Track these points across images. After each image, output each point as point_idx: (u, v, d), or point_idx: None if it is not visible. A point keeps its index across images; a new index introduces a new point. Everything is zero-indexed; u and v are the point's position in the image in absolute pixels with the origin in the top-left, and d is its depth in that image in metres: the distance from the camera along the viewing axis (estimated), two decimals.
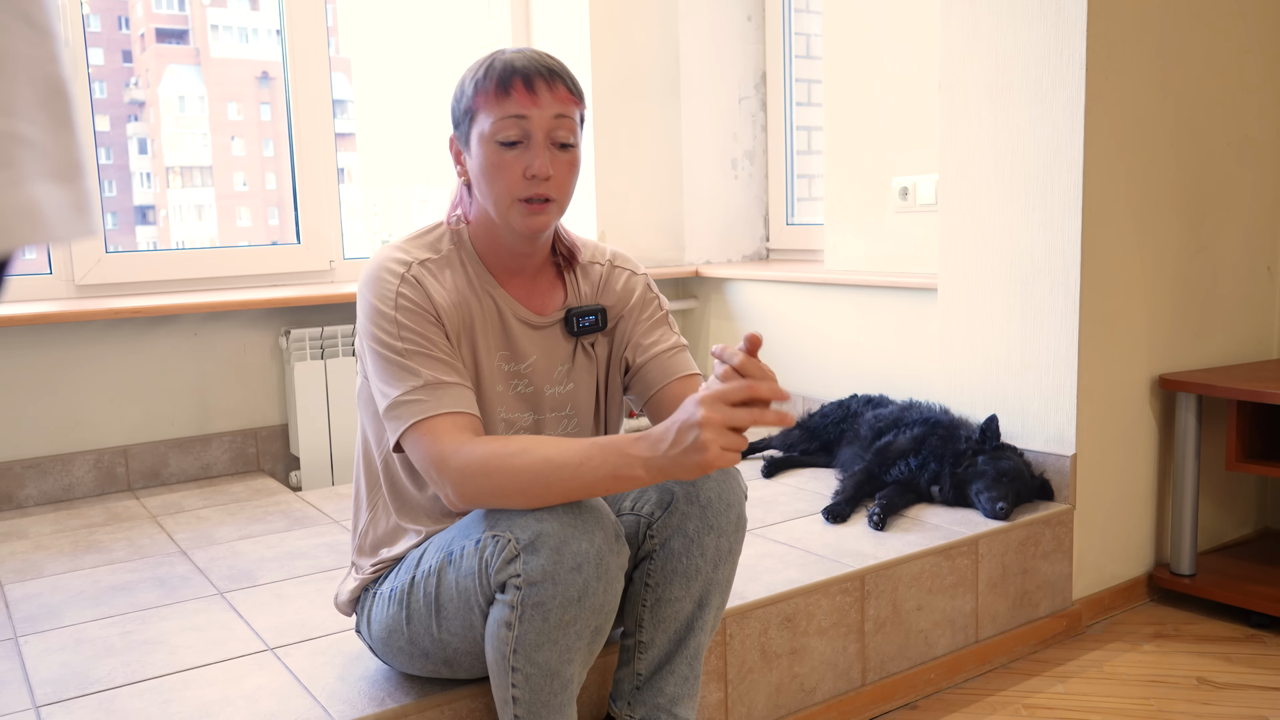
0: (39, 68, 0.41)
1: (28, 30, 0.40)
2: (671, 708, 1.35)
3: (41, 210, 0.40)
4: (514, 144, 1.27)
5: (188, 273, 2.68)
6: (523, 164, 1.27)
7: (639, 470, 1.11)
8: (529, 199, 1.28)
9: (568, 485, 1.14)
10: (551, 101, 1.26)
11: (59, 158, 0.42)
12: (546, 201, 1.28)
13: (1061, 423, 2.14)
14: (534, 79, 1.26)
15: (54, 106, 0.42)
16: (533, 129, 1.26)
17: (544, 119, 1.26)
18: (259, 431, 2.67)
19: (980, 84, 2.20)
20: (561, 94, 1.27)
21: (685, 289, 3.33)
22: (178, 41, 8.70)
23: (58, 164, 0.42)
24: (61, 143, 0.42)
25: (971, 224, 2.25)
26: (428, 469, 1.21)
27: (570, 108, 1.29)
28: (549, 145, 1.28)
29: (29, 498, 2.41)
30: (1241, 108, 2.36)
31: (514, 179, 1.27)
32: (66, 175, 0.42)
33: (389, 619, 1.33)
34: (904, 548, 1.90)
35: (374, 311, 1.27)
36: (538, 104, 1.25)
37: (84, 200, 0.43)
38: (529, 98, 1.25)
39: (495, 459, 1.16)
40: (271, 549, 2.03)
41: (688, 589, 1.30)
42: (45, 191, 0.41)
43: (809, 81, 3.41)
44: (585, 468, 1.13)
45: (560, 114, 1.27)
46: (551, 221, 1.31)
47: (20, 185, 0.39)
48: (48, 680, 1.46)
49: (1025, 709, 1.81)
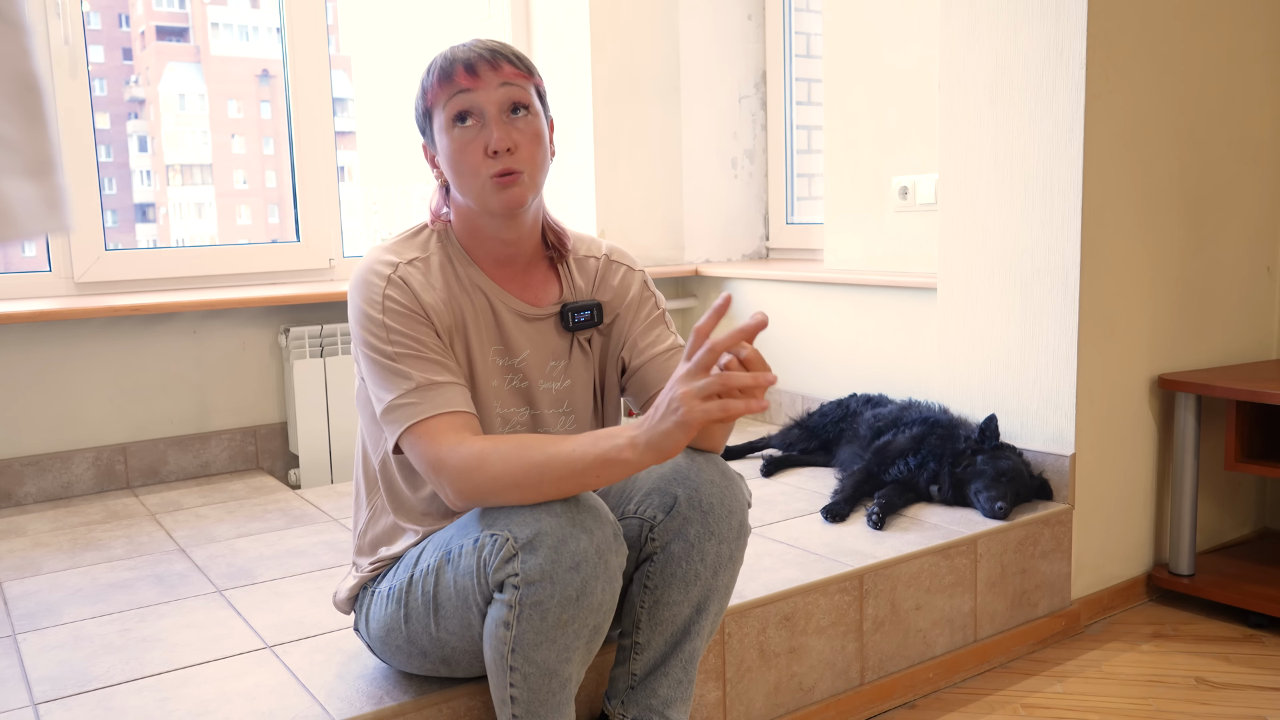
0: (10, 63, 0.41)
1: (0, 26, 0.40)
2: (664, 710, 1.35)
3: (11, 206, 0.40)
4: (466, 120, 1.27)
5: (187, 270, 2.68)
6: (482, 143, 1.26)
7: (626, 451, 1.11)
8: (498, 175, 1.27)
9: (560, 473, 1.14)
10: (495, 77, 1.26)
11: (31, 154, 0.41)
12: (515, 173, 1.27)
13: (1060, 422, 2.14)
14: (474, 62, 1.26)
15: (26, 102, 0.41)
16: (483, 103, 1.26)
17: (491, 93, 1.26)
18: (258, 429, 2.67)
19: (980, 83, 2.19)
20: (506, 70, 1.27)
21: (685, 288, 3.32)
22: (178, 39, 8.70)
23: (30, 160, 0.41)
24: (34, 138, 0.42)
25: (971, 223, 2.25)
26: (426, 470, 1.21)
27: (517, 78, 1.28)
28: (504, 115, 1.27)
29: (28, 495, 2.41)
30: (1242, 107, 2.36)
31: (477, 160, 1.27)
32: (39, 171, 0.42)
33: (387, 618, 1.33)
34: (903, 547, 1.90)
35: (363, 316, 1.27)
36: (481, 83, 1.26)
37: (56, 196, 0.42)
38: (471, 79, 1.26)
39: (489, 454, 1.16)
40: (270, 547, 2.03)
41: (686, 593, 1.30)
42: (16, 188, 0.40)
43: (809, 80, 3.41)
44: (575, 454, 1.13)
45: (506, 83, 1.27)
46: (526, 195, 1.29)
47: None
48: (46, 677, 1.46)
49: (1024, 708, 1.81)
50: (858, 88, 2.85)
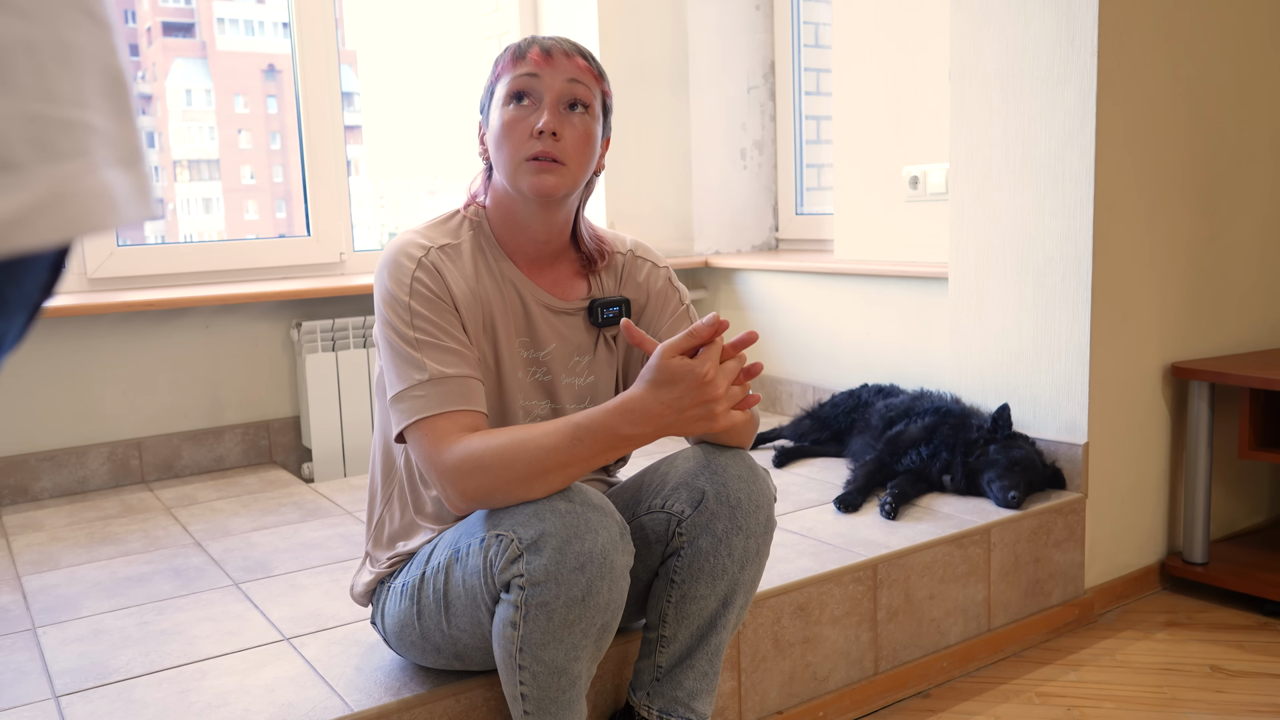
0: (102, 59, 0.43)
1: (90, 24, 0.42)
2: (690, 701, 1.35)
3: (113, 195, 0.42)
4: (523, 99, 1.27)
5: (199, 266, 2.69)
6: (531, 122, 1.26)
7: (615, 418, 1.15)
8: (536, 157, 1.26)
9: (561, 460, 1.15)
10: (567, 66, 1.26)
11: (123, 144, 0.44)
12: (554, 162, 1.26)
13: (1073, 411, 2.14)
14: (551, 48, 1.27)
15: (116, 95, 0.44)
16: (543, 89, 1.26)
17: (556, 81, 1.26)
18: (271, 424, 2.68)
19: (991, 72, 2.19)
20: (579, 64, 1.27)
21: (695, 279, 3.32)
22: (184, 35, 8.71)
23: (122, 150, 0.44)
24: (124, 130, 0.44)
25: (982, 212, 2.24)
26: (427, 471, 1.21)
27: (587, 77, 1.28)
28: (560, 106, 1.27)
29: (44, 490, 2.42)
30: (1254, 94, 2.35)
31: (521, 137, 1.26)
32: (130, 161, 0.44)
33: (401, 613, 1.34)
34: (916, 537, 1.90)
35: (389, 296, 1.27)
36: (552, 65, 1.26)
37: (145, 184, 0.45)
38: (544, 59, 1.26)
39: (487, 453, 1.16)
40: (285, 540, 2.04)
41: (713, 587, 1.30)
42: (115, 177, 0.43)
43: (818, 70, 3.40)
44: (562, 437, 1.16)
45: (574, 79, 1.27)
46: (561, 186, 1.28)
47: (94, 172, 0.41)
48: (67, 670, 1.47)
49: (1038, 697, 1.81)
50: (867, 77, 2.84)
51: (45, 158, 0.39)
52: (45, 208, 0.39)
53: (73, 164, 0.40)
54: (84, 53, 0.42)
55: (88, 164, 0.41)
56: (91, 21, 0.42)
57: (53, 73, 0.40)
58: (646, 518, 1.31)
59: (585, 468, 1.16)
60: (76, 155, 0.40)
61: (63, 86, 0.40)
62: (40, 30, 0.40)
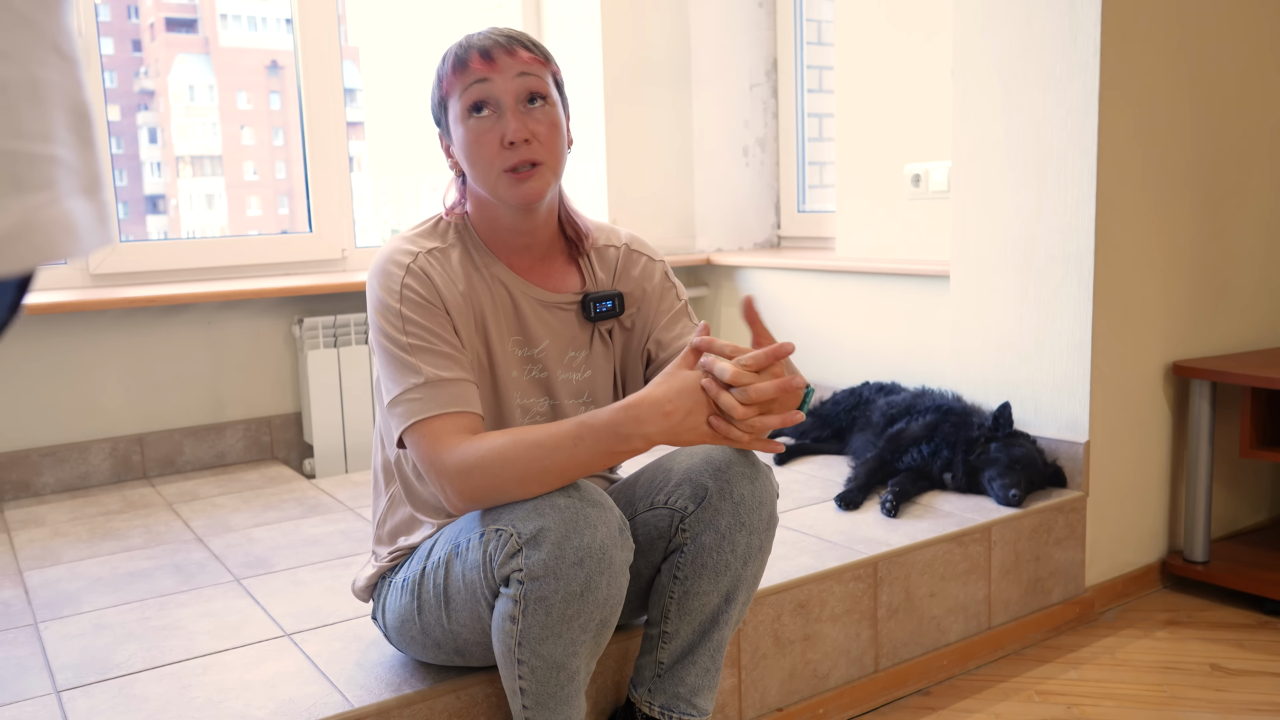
0: (68, 94, 0.46)
1: (59, 60, 0.45)
2: (691, 697, 1.35)
3: (76, 225, 0.45)
4: (482, 109, 1.26)
5: (201, 262, 2.69)
6: (498, 133, 1.26)
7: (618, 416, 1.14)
8: (514, 168, 1.26)
9: (562, 461, 1.15)
10: (511, 64, 1.26)
11: (86, 175, 0.47)
12: (534, 166, 1.27)
13: (1075, 410, 2.14)
14: (490, 49, 1.26)
15: (80, 128, 0.47)
16: (498, 93, 1.26)
17: (507, 81, 1.26)
18: (273, 420, 2.68)
19: (994, 70, 2.18)
20: (522, 56, 1.27)
21: (696, 277, 3.32)
22: (187, 30, 8.71)
23: (85, 180, 0.47)
24: (86, 161, 0.47)
25: (984, 210, 2.24)
26: (427, 471, 1.22)
27: (535, 66, 1.27)
28: (520, 106, 1.27)
29: (46, 485, 2.42)
30: (1257, 93, 2.35)
31: (493, 151, 1.26)
32: (91, 190, 0.47)
33: (402, 608, 1.34)
34: (917, 534, 1.90)
35: (380, 304, 1.28)
36: (497, 69, 1.25)
37: (105, 211, 0.48)
38: (487, 65, 1.25)
39: (487, 453, 1.16)
40: (287, 536, 2.05)
41: (716, 584, 1.30)
42: (78, 205, 0.45)
43: (820, 68, 3.39)
44: (563, 437, 1.16)
45: (523, 72, 1.26)
46: (545, 187, 1.28)
47: (59, 203, 0.44)
48: (68, 665, 1.48)
49: (1038, 695, 1.81)
50: (870, 75, 2.84)
51: (14, 190, 0.42)
52: (14, 237, 0.41)
53: (40, 195, 0.43)
54: (52, 89, 0.44)
55: (53, 195, 0.43)
56: (60, 58, 0.45)
57: (23, 110, 0.43)
58: (649, 514, 1.32)
59: (586, 470, 1.16)
60: (43, 187, 0.43)
61: (32, 122, 0.43)
62: (14, 70, 0.42)
